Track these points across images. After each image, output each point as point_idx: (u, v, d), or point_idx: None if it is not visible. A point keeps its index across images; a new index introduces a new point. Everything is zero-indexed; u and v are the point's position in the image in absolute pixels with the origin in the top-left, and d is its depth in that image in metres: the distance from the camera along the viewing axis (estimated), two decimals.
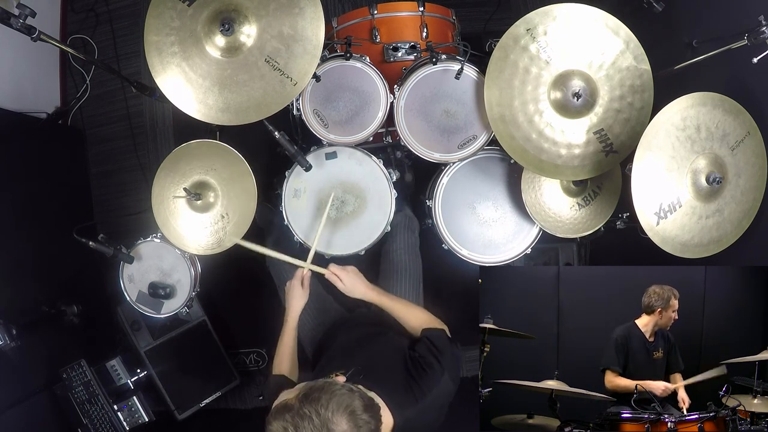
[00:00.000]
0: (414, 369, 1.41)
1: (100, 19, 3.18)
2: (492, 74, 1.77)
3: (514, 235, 2.08)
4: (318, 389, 1.11)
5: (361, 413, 1.10)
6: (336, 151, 2.03)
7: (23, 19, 1.70)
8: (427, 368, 1.40)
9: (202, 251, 1.98)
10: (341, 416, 1.08)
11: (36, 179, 2.73)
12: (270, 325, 1.93)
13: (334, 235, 2.03)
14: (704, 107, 1.64)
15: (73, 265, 2.70)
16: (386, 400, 1.28)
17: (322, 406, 1.07)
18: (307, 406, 1.08)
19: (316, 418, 1.06)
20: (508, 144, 1.81)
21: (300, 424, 1.06)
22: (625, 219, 1.92)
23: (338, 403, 1.09)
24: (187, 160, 1.97)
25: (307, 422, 1.06)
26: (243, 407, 3.00)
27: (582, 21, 1.72)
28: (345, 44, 1.92)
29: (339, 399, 1.10)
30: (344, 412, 1.08)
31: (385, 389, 1.30)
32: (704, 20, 2.08)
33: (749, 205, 1.73)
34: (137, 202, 3.07)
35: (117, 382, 2.59)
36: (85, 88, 3.14)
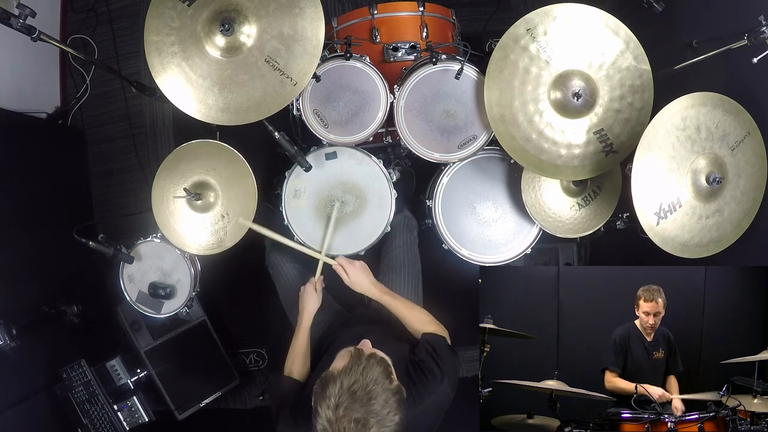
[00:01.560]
0: (414, 373, 1.41)
1: (100, 19, 3.18)
2: (492, 74, 1.77)
3: (514, 235, 2.08)
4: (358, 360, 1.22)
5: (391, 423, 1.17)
6: (336, 151, 2.03)
7: (23, 19, 1.70)
8: (428, 373, 1.41)
9: (203, 251, 1.98)
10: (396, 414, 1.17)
11: (36, 179, 2.73)
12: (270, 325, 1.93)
13: (334, 235, 2.03)
14: (704, 107, 1.64)
15: (73, 265, 2.70)
16: None
17: (367, 371, 1.18)
18: (358, 366, 1.20)
19: (373, 418, 1.14)
20: (508, 144, 1.81)
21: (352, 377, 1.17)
22: (625, 219, 1.92)
23: (394, 407, 1.18)
24: (187, 160, 1.97)
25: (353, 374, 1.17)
26: (243, 407, 3.00)
27: (582, 21, 1.72)
28: (345, 44, 1.92)
29: (396, 404, 1.18)
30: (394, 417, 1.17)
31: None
32: (704, 20, 2.07)
33: (749, 205, 1.73)
34: (137, 202, 3.08)
35: (117, 382, 2.59)
36: (85, 88, 3.14)
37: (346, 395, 1.14)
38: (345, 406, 1.13)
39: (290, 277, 2.10)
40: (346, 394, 1.14)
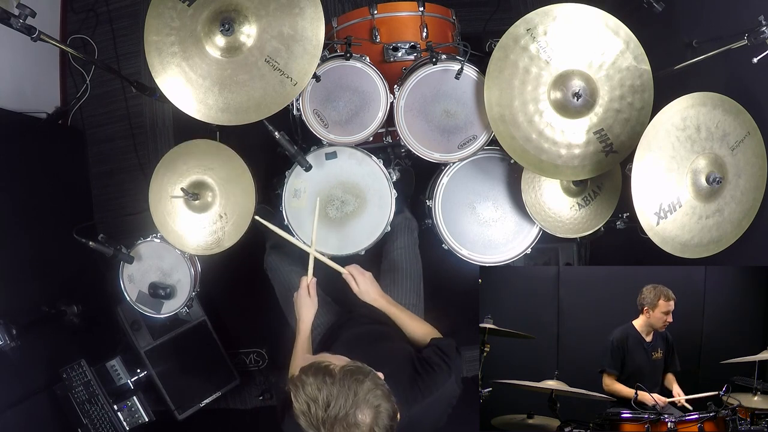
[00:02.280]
0: (422, 367, 1.42)
1: (100, 19, 3.18)
2: (492, 74, 1.77)
3: (514, 235, 2.08)
4: (365, 373, 1.14)
5: (386, 418, 1.12)
6: (336, 151, 2.03)
7: (23, 19, 1.70)
8: (435, 367, 1.42)
9: (201, 251, 1.98)
10: (370, 410, 1.09)
11: (36, 179, 2.73)
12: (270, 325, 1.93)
13: (334, 235, 2.03)
14: (704, 107, 1.64)
15: (73, 265, 2.70)
16: None
17: (362, 390, 1.09)
18: (349, 381, 1.10)
19: (351, 397, 1.08)
20: (508, 144, 1.81)
21: (334, 393, 1.08)
22: (625, 219, 1.92)
23: (375, 396, 1.11)
24: (184, 159, 1.97)
25: (342, 396, 1.07)
26: (243, 407, 3.00)
27: (582, 21, 1.72)
28: (345, 44, 1.92)
29: (378, 392, 1.12)
30: (374, 408, 1.10)
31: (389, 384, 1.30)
32: (704, 20, 2.07)
33: (749, 205, 1.73)
34: (137, 202, 3.07)
35: (117, 382, 2.59)
36: (85, 88, 3.14)
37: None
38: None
39: (288, 279, 2.10)
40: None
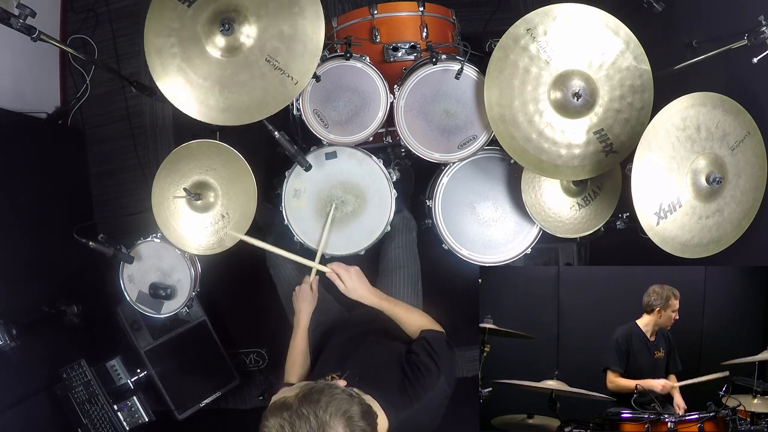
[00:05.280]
0: (410, 370, 1.40)
1: (100, 19, 3.18)
2: (492, 74, 1.77)
3: (514, 235, 2.08)
4: (318, 391, 1.11)
5: (359, 420, 1.10)
6: (336, 151, 2.03)
7: (23, 19, 1.70)
8: (424, 370, 1.40)
9: (202, 251, 1.98)
10: (338, 420, 1.07)
11: (36, 179, 2.73)
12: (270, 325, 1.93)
13: (334, 235, 2.03)
14: (704, 107, 1.64)
15: (73, 265, 2.70)
16: (380, 401, 1.28)
17: (320, 409, 1.07)
18: (305, 406, 1.07)
19: (314, 420, 1.05)
20: (508, 144, 1.81)
21: (297, 423, 1.05)
22: (625, 219, 1.92)
23: (337, 407, 1.08)
24: (187, 160, 1.97)
25: (304, 423, 1.05)
26: (243, 407, 3.00)
27: (582, 21, 1.72)
28: (345, 44, 1.92)
29: (338, 403, 1.09)
30: (342, 417, 1.08)
31: (379, 390, 1.30)
32: (704, 20, 2.08)
33: (749, 205, 1.73)
34: (137, 202, 3.08)
35: (117, 382, 2.59)
36: (85, 88, 3.14)
37: None
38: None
39: (290, 276, 2.10)
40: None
